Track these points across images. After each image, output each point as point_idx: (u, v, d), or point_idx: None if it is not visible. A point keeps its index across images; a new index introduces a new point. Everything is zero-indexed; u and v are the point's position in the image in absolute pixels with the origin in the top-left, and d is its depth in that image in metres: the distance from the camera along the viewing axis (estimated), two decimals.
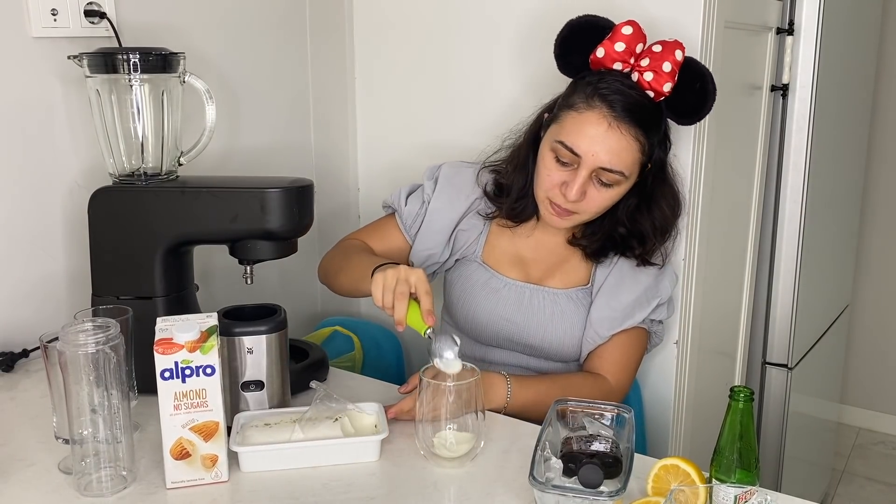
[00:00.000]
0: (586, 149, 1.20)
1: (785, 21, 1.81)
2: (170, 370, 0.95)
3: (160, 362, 0.95)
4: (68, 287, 1.40)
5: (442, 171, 1.40)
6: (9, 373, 1.30)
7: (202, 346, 0.95)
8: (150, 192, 1.22)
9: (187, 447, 0.97)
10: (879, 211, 2.92)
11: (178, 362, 0.95)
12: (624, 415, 1.02)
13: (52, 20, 1.31)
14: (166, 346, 0.95)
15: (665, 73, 1.20)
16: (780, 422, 2.03)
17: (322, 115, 1.83)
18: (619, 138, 1.19)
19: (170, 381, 0.95)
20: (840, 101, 2.10)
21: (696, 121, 1.30)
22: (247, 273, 1.26)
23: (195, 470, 0.98)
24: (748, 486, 0.85)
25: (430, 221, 1.36)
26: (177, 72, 1.26)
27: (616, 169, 1.21)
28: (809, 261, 1.98)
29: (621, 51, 1.22)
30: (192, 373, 0.95)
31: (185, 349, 0.95)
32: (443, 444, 1.02)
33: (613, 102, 1.20)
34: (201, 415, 0.97)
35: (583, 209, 1.25)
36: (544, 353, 1.33)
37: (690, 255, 1.50)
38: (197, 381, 0.96)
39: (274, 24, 1.70)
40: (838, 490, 2.71)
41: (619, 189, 1.24)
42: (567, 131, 1.22)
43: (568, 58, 1.28)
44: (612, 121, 1.19)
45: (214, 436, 0.98)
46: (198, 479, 0.98)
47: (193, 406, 0.96)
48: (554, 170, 1.24)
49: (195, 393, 0.96)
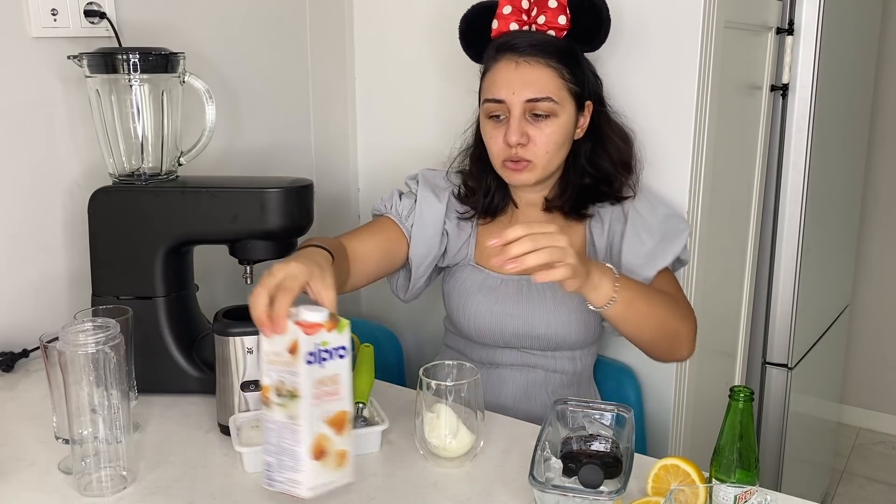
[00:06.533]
0: (505, 90, 1.25)
1: (785, 21, 1.81)
2: (313, 354, 0.85)
3: (305, 345, 0.84)
4: (68, 287, 1.40)
5: (421, 173, 1.44)
6: (9, 373, 1.30)
7: (339, 323, 0.87)
8: (150, 192, 1.22)
9: (324, 444, 0.87)
10: (879, 211, 2.92)
11: (317, 344, 0.85)
12: (624, 415, 1.02)
13: (52, 20, 1.31)
14: (308, 327, 0.84)
15: (554, 9, 1.27)
16: (780, 422, 2.03)
17: (322, 115, 1.83)
18: (531, 70, 1.25)
19: (312, 366, 0.85)
20: (840, 101, 2.10)
21: (601, 39, 1.32)
22: (247, 273, 1.26)
23: (329, 471, 0.88)
24: (748, 486, 0.85)
25: (422, 214, 1.37)
26: (177, 72, 1.27)
27: (541, 96, 1.24)
28: (809, 261, 1.98)
29: (509, 12, 1.29)
30: (329, 355, 0.86)
31: (324, 329, 0.85)
32: (443, 444, 1.02)
33: (516, 45, 1.26)
34: (334, 404, 0.87)
35: (534, 154, 1.27)
36: (553, 343, 1.33)
37: (690, 254, 1.50)
38: (333, 366, 0.87)
39: (274, 24, 1.70)
40: (838, 490, 2.71)
41: (558, 121, 1.26)
42: (486, 88, 1.29)
43: (475, 48, 1.36)
44: (519, 59, 1.26)
45: (345, 428, 0.89)
46: (333, 480, 0.89)
47: (328, 395, 0.87)
48: (494, 130, 1.29)
49: (330, 379, 0.87)
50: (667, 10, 1.42)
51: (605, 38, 1.32)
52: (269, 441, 0.89)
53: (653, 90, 1.46)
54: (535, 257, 1.00)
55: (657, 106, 1.46)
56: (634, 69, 1.47)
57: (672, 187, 1.46)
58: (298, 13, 1.75)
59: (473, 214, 1.39)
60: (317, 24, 1.78)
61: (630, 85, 1.47)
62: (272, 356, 0.87)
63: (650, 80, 1.46)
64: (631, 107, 1.46)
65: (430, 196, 1.38)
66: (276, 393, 0.87)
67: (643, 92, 1.46)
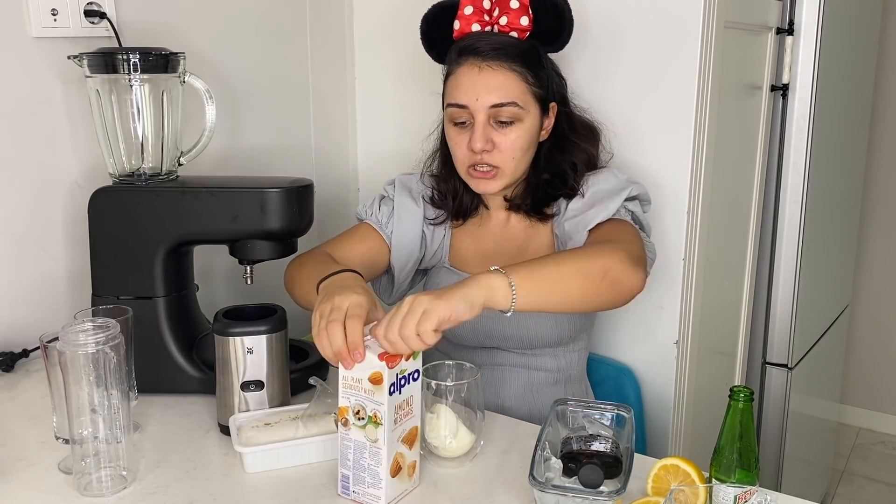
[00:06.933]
0: (469, 96, 1.23)
1: (785, 21, 1.81)
2: (394, 384, 0.90)
3: (389, 378, 0.89)
4: (68, 287, 1.40)
5: (398, 179, 1.43)
6: (9, 373, 1.30)
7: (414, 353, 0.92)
8: (150, 192, 1.22)
9: (400, 461, 0.94)
10: (879, 211, 2.92)
11: (397, 374, 0.91)
12: (624, 415, 1.02)
13: (52, 20, 1.31)
14: (390, 359, 0.90)
15: (516, 10, 1.25)
16: (780, 422, 2.03)
17: (322, 115, 1.83)
18: (494, 75, 1.23)
19: (394, 396, 0.90)
20: (840, 101, 2.10)
21: (563, 40, 1.30)
22: (247, 273, 1.26)
23: (403, 483, 0.96)
24: (748, 486, 0.85)
25: (401, 220, 1.37)
26: (177, 72, 1.27)
27: (505, 101, 1.23)
28: (809, 261, 1.98)
29: (471, 13, 1.26)
30: (405, 381, 0.92)
31: (402, 358, 0.91)
32: (443, 444, 1.02)
33: (479, 49, 1.24)
34: (409, 423, 0.94)
35: (499, 160, 1.25)
36: (528, 342, 1.33)
37: (690, 255, 1.50)
38: (407, 390, 0.93)
39: (274, 24, 1.70)
40: (838, 490, 2.71)
41: (523, 126, 1.25)
42: (449, 93, 1.27)
43: (437, 48, 1.33)
44: (482, 64, 1.23)
45: (415, 442, 0.96)
46: (405, 489, 0.96)
47: (404, 416, 0.93)
48: (458, 136, 1.27)
49: (406, 402, 0.93)
50: (667, 10, 1.42)
51: (568, 39, 1.30)
52: (347, 457, 0.95)
53: (653, 90, 1.46)
54: (410, 344, 0.92)
55: (657, 106, 1.46)
56: (635, 69, 1.47)
57: (672, 187, 1.46)
58: (298, 13, 1.75)
59: (445, 218, 1.39)
60: (317, 24, 1.78)
61: (630, 85, 1.47)
62: (351, 381, 0.92)
63: (650, 79, 1.46)
64: (631, 106, 1.47)
65: (408, 201, 1.38)
66: (356, 415, 0.92)
67: (643, 92, 1.46)
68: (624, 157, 1.47)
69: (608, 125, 1.41)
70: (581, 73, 1.48)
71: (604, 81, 1.48)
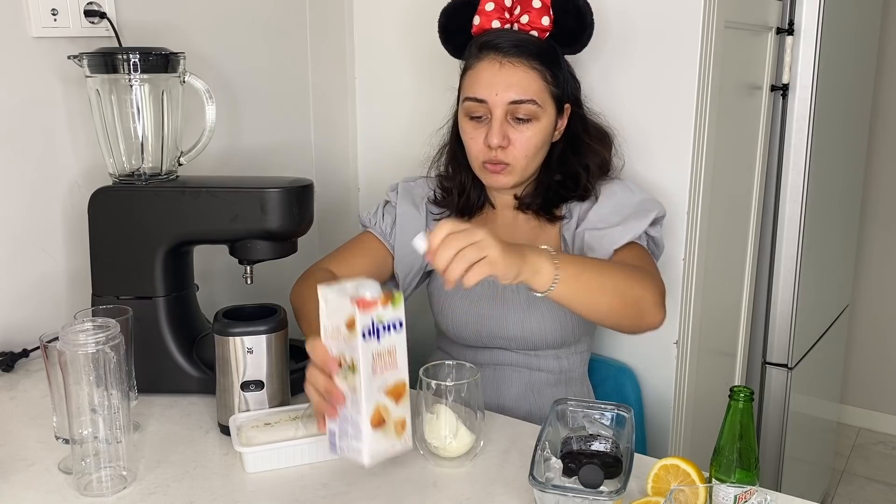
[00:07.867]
0: (488, 90, 1.24)
1: (785, 21, 1.81)
2: (369, 329, 0.89)
3: (362, 321, 0.88)
4: (68, 287, 1.40)
5: (401, 185, 1.43)
6: (9, 373, 1.30)
7: (393, 298, 0.91)
8: (149, 192, 1.22)
9: (383, 413, 0.92)
10: (879, 211, 2.92)
11: (373, 319, 0.89)
12: (624, 415, 1.02)
13: (52, 20, 1.31)
14: (364, 304, 0.88)
15: (538, 9, 1.25)
16: (780, 422, 2.03)
17: (322, 115, 1.83)
18: (514, 71, 1.23)
19: (369, 342, 0.89)
20: (840, 101, 2.10)
21: (583, 43, 1.31)
22: (247, 273, 1.26)
23: (389, 438, 0.94)
24: (748, 486, 0.85)
25: (403, 229, 1.37)
26: (177, 72, 1.27)
27: (524, 98, 1.23)
28: (809, 261, 1.98)
29: (492, 10, 1.27)
30: (385, 329, 0.90)
31: (379, 304, 0.89)
32: (443, 444, 1.02)
33: (500, 45, 1.24)
34: (392, 375, 0.92)
35: (514, 156, 1.26)
36: (531, 343, 1.33)
37: (690, 255, 1.50)
38: (389, 339, 0.91)
39: (274, 24, 1.70)
40: (838, 490, 2.71)
41: (539, 124, 1.25)
42: (467, 87, 1.27)
43: (454, 42, 1.34)
44: (502, 60, 1.24)
45: (403, 397, 0.93)
46: (392, 447, 0.94)
47: (386, 367, 0.91)
48: (474, 131, 1.27)
49: (388, 352, 0.91)
50: (667, 10, 1.42)
51: (587, 42, 1.31)
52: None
53: (653, 90, 1.46)
54: (455, 268, 0.93)
55: (657, 106, 1.46)
56: (635, 69, 1.47)
57: (672, 187, 1.46)
58: (298, 13, 1.75)
59: (449, 215, 1.39)
60: (317, 24, 1.78)
61: (630, 85, 1.47)
62: (332, 331, 0.93)
63: (650, 79, 1.46)
64: (631, 106, 1.46)
65: (410, 209, 1.39)
66: (339, 365, 0.92)
67: (644, 92, 1.46)
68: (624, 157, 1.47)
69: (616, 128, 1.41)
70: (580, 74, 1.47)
71: (604, 81, 1.48)
